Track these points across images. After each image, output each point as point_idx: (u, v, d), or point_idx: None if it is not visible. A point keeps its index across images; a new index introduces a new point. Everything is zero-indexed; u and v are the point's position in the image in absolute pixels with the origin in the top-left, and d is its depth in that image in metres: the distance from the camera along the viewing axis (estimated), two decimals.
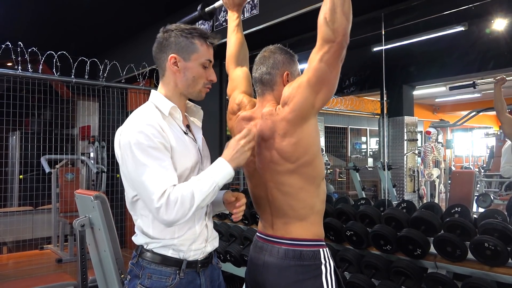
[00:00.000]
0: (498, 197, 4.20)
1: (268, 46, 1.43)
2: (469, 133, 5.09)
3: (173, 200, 1.11)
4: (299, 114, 1.25)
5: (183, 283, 1.23)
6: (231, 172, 1.20)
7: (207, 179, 1.17)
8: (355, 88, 4.46)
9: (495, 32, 3.06)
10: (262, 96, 1.40)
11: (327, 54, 1.18)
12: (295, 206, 1.31)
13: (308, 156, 1.28)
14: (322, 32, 1.19)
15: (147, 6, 3.94)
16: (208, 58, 1.28)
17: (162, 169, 1.14)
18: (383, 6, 2.54)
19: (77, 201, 1.75)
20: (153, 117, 1.22)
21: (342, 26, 1.16)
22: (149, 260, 1.23)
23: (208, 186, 1.16)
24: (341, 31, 1.16)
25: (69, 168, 4.76)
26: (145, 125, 1.17)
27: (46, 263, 4.20)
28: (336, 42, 1.17)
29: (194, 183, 1.16)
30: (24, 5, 3.95)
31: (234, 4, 1.63)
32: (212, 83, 1.31)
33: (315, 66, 1.21)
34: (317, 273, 1.27)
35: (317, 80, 1.21)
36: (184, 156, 1.23)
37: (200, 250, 1.27)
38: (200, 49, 1.26)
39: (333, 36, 1.16)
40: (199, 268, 1.27)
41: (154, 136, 1.16)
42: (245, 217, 2.69)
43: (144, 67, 4.05)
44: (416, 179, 3.83)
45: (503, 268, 1.61)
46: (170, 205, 1.11)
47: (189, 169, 1.24)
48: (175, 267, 1.23)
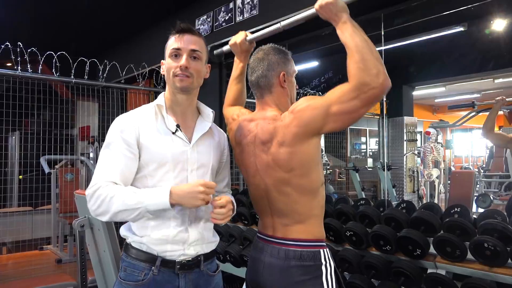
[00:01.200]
0: (497, 198, 4.20)
1: (260, 47, 1.43)
2: (468, 133, 5.10)
3: (98, 195, 1.17)
4: (304, 131, 1.24)
5: (158, 280, 1.23)
6: (165, 204, 1.16)
7: (137, 196, 1.18)
8: None
9: (494, 33, 3.06)
10: (261, 99, 1.40)
11: (365, 95, 1.15)
12: (294, 210, 1.31)
13: (304, 169, 1.27)
14: (359, 77, 1.15)
15: (147, 6, 3.95)
16: (173, 47, 1.28)
17: (109, 163, 1.21)
18: (383, 7, 2.54)
19: (77, 201, 1.75)
20: (137, 113, 1.28)
21: (381, 71, 1.14)
22: (127, 254, 1.27)
23: (133, 203, 1.17)
24: (382, 76, 1.14)
25: (68, 169, 4.75)
26: (123, 119, 1.26)
27: (45, 264, 4.19)
28: (378, 88, 1.14)
29: (123, 191, 1.18)
30: (24, 5, 3.96)
31: (242, 51, 1.60)
32: (184, 67, 1.26)
33: (347, 102, 1.17)
34: (318, 273, 1.27)
35: (341, 112, 1.19)
36: (158, 154, 1.24)
37: (177, 251, 1.25)
38: (168, 43, 1.30)
39: (374, 82, 1.13)
40: (178, 270, 1.24)
41: (121, 131, 1.23)
42: (245, 217, 2.69)
43: (143, 67, 4.05)
44: (416, 180, 3.83)
45: (502, 269, 1.61)
46: (93, 198, 1.18)
47: (166, 166, 1.24)
48: (149, 263, 1.23)
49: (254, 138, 1.36)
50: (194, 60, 1.28)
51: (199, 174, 1.30)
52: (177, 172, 1.26)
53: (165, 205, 1.16)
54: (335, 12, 1.23)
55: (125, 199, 1.16)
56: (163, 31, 1.33)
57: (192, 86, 1.30)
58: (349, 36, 1.19)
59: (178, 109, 1.32)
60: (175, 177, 1.25)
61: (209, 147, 1.35)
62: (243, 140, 1.40)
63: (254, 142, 1.35)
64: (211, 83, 3.72)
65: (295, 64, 1.46)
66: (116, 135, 1.23)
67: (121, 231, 1.32)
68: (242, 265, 2.46)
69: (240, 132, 1.42)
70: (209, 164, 1.34)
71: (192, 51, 1.27)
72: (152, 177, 1.24)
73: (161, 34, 1.33)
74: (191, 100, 1.34)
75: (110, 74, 4.00)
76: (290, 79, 1.42)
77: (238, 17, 3.06)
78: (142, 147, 1.23)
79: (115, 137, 1.23)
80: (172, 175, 1.25)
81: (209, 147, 1.35)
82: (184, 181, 1.27)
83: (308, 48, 3.78)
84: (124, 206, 1.16)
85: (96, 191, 1.18)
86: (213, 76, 3.72)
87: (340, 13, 1.23)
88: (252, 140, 1.36)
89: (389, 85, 1.16)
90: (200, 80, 1.32)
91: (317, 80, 4.74)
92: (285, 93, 1.40)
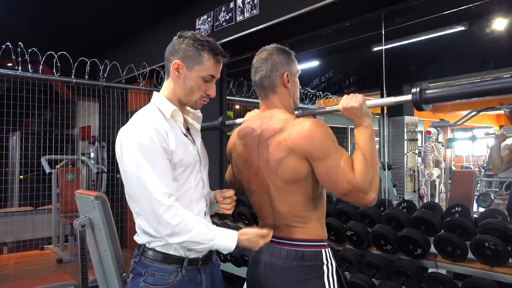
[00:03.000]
0: (498, 197, 4.20)
1: (264, 47, 1.43)
2: (469, 132, 5.09)
3: (177, 214, 1.16)
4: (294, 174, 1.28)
5: (185, 280, 1.25)
6: (231, 247, 1.22)
7: (211, 233, 1.20)
8: (355, 88, 4.45)
9: (495, 32, 3.06)
10: (266, 99, 1.40)
11: (353, 196, 1.21)
12: (296, 210, 1.31)
13: (297, 180, 1.28)
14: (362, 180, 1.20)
15: (147, 6, 3.95)
16: (211, 73, 1.28)
17: (159, 173, 1.17)
18: (383, 6, 2.54)
19: (78, 201, 1.75)
20: (157, 119, 1.24)
21: (377, 188, 1.21)
22: (152, 258, 1.25)
23: (207, 238, 1.20)
24: (375, 193, 1.21)
25: (69, 169, 4.76)
26: (149, 127, 1.20)
27: (46, 263, 4.20)
28: (366, 201, 1.21)
29: (199, 223, 1.20)
30: (24, 5, 3.96)
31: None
32: (210, 97, 1.32)
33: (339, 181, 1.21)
34: (319, 273, 1.27)
35: (328, 179, 1.24)
36: (185, 157, 1.25)
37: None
38: (206, 62, 1.27)
39: (369, 196, 1.20)
40: (200, 266, 1.29)
41: (157, 139, 1.18)
42: (245, 217, 2.69)
43: (144, 67, 4.05)
44: (417, 179, 3.83)
45: (503, 268, 1.61)
46: (170, 214, 1.15)
47: (190, 168, 1.27)
48: (177, 264, 1.25)
49: (259, 136, 1.36)
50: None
51: (205, 173, 1.36)
52: (195, 173, 1.30)
53: (231, 248, 1.22)
54: (359, 116, 1.29)
55: (202, 232, 1.19)
56: (163, 30, 1.33)
57: None
58: (366, 141, 1.26)
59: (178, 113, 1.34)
60: (194, 178, 1.29)
61: (203, 146, 1.40)
62: (247, 138, 1.40)
63: (259, 140, 1.35)
64: None
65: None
66: (151, 142, 1.18)
67: (139, 239, 1.29)
68: (242, 264, 2.46)
69: (244, 130, 1.42)
70: (208, 162, 1.41)
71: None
72: (177, 181, 1.24)
73: (162, 34, 1.33)
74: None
75: (111, 74, 4.00)
76: (294, 79, 1.42)
77: (238, 17, 3.06)
78: (172, 152, 1.23)
79: (152, 144, 1.18)
80: (192, 176, 1.29)
81: (203, 146, 1.40)
82: (200, 181, 1.32)
83: (308, 48, 3.79)
84: (199, 238, 1.19)
85: (173, 205, 1.17)
86: None
87: (364, 117, 1.30)
88: (257, 138, 1.36)
89: (373, 204, 1.24)
90: None
91: (318, 80, 4.74)
92: (288, 93, 1.40)
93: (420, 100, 1.28)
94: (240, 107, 5.04)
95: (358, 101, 1.28)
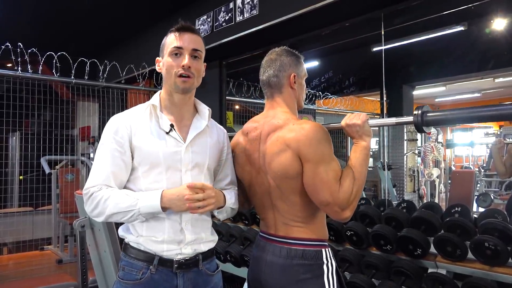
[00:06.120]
0: (498, 197, 4.20)
1: (274, 49, 1.45)
2: (469, 133, 5.10)
3: (93, 197, 1.20)
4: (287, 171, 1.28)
5: (155, 279, 1.22)
6: (157, 207, 1.17)
7: (130, 199, 1.19)
8: (355, 88, 4.46)
9: (494, 32, 3.06)
10: (271, 98, 1.42)
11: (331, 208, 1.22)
12: (297, 209, 1.31)
13: (287, 177, 1.28)
14: (343, 198, 1.21)
15: (147, 7, 3.95)
16: (175, 45, 1.25)
17: (102, 165, 1.22)
18: (383, 6, 2.54)
19: (77, 201, 1.75)
20: (131, 113, 1.28)
21: (354, 208, 1.23)
22: (125, 253, 1.27)
23: (126, 205, 1.18)
24: (351, 212, 1.23)
25: (69, 169, 4.75)
26: (114, 119, 1.26)
27: (46, 264, 4.19)
28: (341, 216, 1.22)
29: (117, 194, 1.20)
30: (24, 5, 3.96)
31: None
32: (189, 70, 1.24)
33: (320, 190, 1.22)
34: (319, 272, 1.27)
35: (310, 183, 1.24)
36: (150, 156, 1.23)
37: (174, 251, 1.24)
38: (168, 40, 1.29)
39: (345, 212, 1.22)
40: (175, 269, 1.24)
41: (114, 132, 1.23)
42: (245, 217, 2.69)
43: (144, 67, 4.06)
44: (416, 179, 3.83)
45: (503, 268, 1.60)
46: (89, 200, 1.21)
47: (159, 168, 1.23)
48: (147, 262, 1.23)
49: (260, 133, 1.36)
50: (195, 59, 1.27)
51: (193, 174, 1.27)
52: (170, 173, 1.24)
53: (157, 208, 1.17)
54: (360, 134, 1.32)
55: (118, 202, 1.18)
56: (163, 31, 1.32)
57: (193, 87, 1.29)
58: (358, 160, 1.28)
59: (175, 109, 1.30)
60: (167, 178, 1.24)
61: (205, 147, 1.33)
62: (250, 135, 1.41)
63: (260, 136, 1.36)
64: (211, 83, 3.72)
65: None
66: (109, 136, 1.23)
67: (120, 231, 1.32)
68: (242, 265, 2.46)
69: (249, 128, 1.43)
70: (205, 164, 1.31)
71: (194, 51, 1.27)
72: (145, 178, 1.24)
73: (161, 34, 1.33)
74: (188, 99, 1.33)
75: (110, 74, 4.00)
76: (300, 82, 1.44)
77: (238, 17, 3.06)
78: (135, 148, 1.23)
79: (108, 138, 1.23)
80: (164, 176, 1.24)
81: (205, 146, 1.33)
82: (178, 182, 1.24)
83: (308, 48, 3.79)
84: (117, 209, 1.18)
85: (91, 193, 1.20)
86: (213, 76, 3.72)
87: (365, 136, 1.33)
88: (259, 134, 1.37)
89: (346, 221, 1.27)
90: (200, 79, 1.32)
91: (317, 80, 4.74)
92: (294, 94, 1.42)
93: (421, 123, 1.32)
94: (239, 107, 5.04)
95: (361, 119, 1.32)
